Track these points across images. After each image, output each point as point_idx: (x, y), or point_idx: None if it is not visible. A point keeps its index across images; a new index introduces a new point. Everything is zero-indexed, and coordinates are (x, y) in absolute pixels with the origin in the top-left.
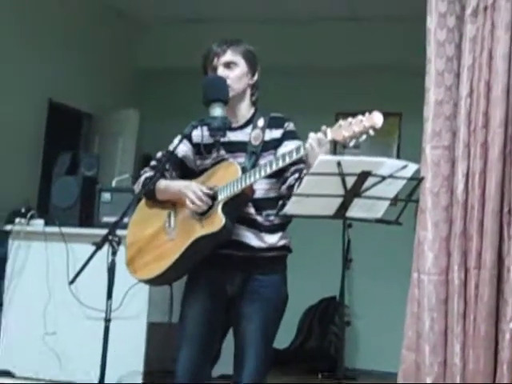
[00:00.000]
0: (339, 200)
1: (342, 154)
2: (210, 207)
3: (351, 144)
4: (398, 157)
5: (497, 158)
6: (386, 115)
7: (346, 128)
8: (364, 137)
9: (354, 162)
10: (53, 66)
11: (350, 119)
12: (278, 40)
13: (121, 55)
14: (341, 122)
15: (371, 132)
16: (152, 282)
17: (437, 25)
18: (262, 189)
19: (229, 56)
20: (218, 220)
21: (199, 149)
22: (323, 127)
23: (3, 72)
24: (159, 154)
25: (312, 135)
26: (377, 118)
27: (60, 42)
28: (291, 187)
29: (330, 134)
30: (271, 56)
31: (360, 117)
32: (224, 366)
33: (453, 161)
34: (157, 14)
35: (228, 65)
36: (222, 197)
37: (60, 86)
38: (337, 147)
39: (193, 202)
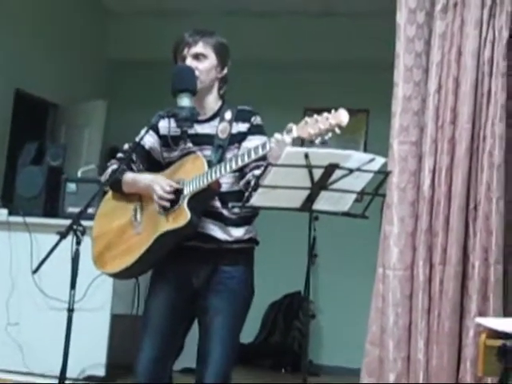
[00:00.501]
0: (306, 192)
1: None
2: (176, 201)
3: (317, 141)
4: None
5: (464, 154)
6: (353, 111)
7: (312, 125)
8: (330, 134)
9: (322, 155)
10: (20, 54)
11: (315, 116)
12: (247, 33)
13: (90, 45)
14: (307, 119)
15: (337, 130)
16: (118, 275)
17: (406, 20)
18: (226, 182)
19: (199, 47)
20: (184, 215)
21: (166, 141)
22: (289, 125)
23: None
24: (126, 146)
25: (276, 135)
26: (343, 116)
27: (28, 30)
28: (248, 183)
29: (296, 131)
30: (239, 49)
31: (326, 114)
32: (187, 359)
33: (420, 156)
34: (127, 5)
35: (197, 56)
36: (187, 191)
37: (27, 76)
38: (304, 142)
39: (160, 197)
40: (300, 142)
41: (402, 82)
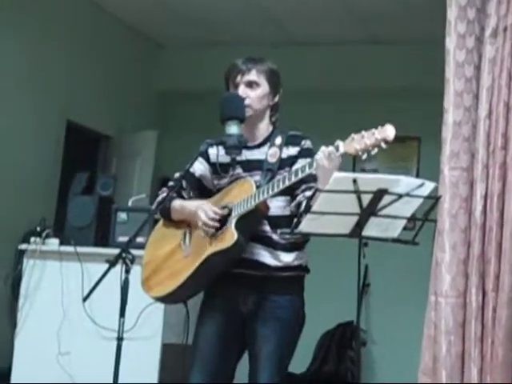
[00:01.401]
0: (355, 218)
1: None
2: (224, 224)
3: (363, 157)
4: None
5: None
6: (404, 139)
7: (358, 141)
8: (376, 150)
9: (370, 180)
10: (71, 86)
11: (362, 132)
12: (296, 64)
13: (140, 77)
14: (353, 135)
15: (383, 145)
16: (165, 299)
17: (456, 45)
18: (277, 206)
19: (253, 75)
20: (230, 236)
21: (216, 168)
22: (336, 141)
23: (23, 91)
24: (177, 175)
25: (323, 148)
26: (389, 131)
27: (80, 63)
28: (299, 205)
29: (343, 147)
30: (290, 80)
31: (372, 130)
32: None
33: (471, 182)
34: (175, 37)
35: (250, 84)
36: (235, 213)
37: (78, 107)
38: (355, 166)
39: (205, 224)
40: (352, 164)
41: (452, 108)
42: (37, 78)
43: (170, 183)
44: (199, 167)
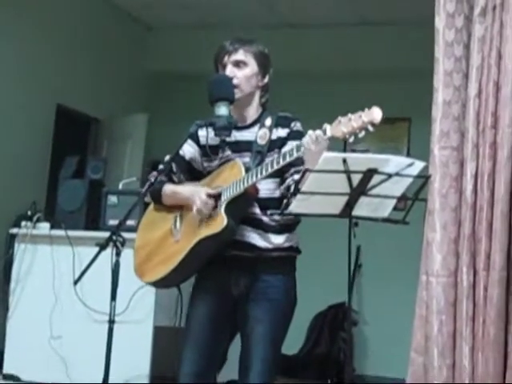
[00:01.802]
0: (345, 198)
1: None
2: (214, 208)
3: (350, 140)
4: None
5: (506, 159)
6: (394, 120)
7: (345, 124)
8: (363, 133)
9: (360, 159)
10: (61, 70)
11: (349, 115)
12: (288, 45)
13: (130, 59)
14: (340, 118)
15: (370, 128)
16: (158, 284)
17: (445, 25)
18: (266, 188)
19: (240, 55)
20: (221, 220)
21: (206, 150)
22: (324, 125)
23: (11, 76)
24: (167, 158)
25: (310, 132)
26: (376, 113)
27: (68, 47)
28: (289, 188)
29: (330, 130)
30: (281, 61)
31: (359, 112)
32: (233, 371)
33: (461, 161)
34: (166, 19)
35: (238, 63)
36: (225, 197)
37: (68, 91)
38: (346, 148)
39: (200, 211)
40: (342, 146)
41: (442, 87)
42: (25, 62)
43: (160, 166)
44: (189, 150)
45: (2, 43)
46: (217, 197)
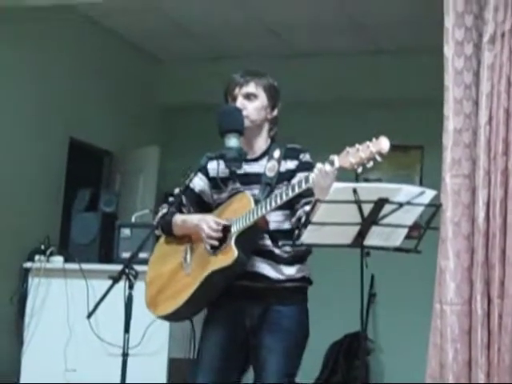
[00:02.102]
0: (356, 228)
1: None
2: (224, 241)
3: (359, 170)
4: None
5: None
6: (407, 148)
7: (353, 154)
8: (371, 163)
9: (371, 189)
10: (73, 104)
11: (357, 146)
12: (299, 75)
13: (141, 93)
14: (348, 148)
15: (378, 158)
16: (170, 317)
17: (454, 53)
18: (276, 221)
19: (251, 87)
20: (231, 253)
21: (215, 183)
22: (331, 156)
23: (25, 110)
24: (177, 190)
25: (318, 166)
26: (383, 143)
27: (80, 80)
28: (299, 219)
29: (338, 161)
30: (293, 91)
31: (367, 143)
32: None
33: (473, 189)
34: (177, 52)
35: (248, 96)
36: (235, 229)
37: (81, 124)
38: (358, 177)
39: (208, 236)
40: (354, 176)
41: (452, 115)
42: (38, 96)
43: (170, 199)
44: (198, 183)
45: (18, 77)
46: (226, 229)
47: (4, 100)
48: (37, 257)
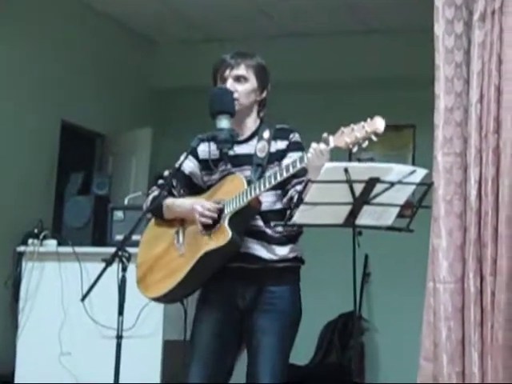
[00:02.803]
0: (348, 208)
1: None
2: (217, 221)
3: (354, 150)
4: None
5: (509, 163)
6: (399, 128)
7: (348, 134)
8: (366, 142)
9: (362, 169)
10: (65, 87)
11: (352, 125)
12: (288, 56)
13: (133, 75)
14: (343, 128)
15: (373, 137)
16: (162, 299)
17: (444, 31)
18: (268, 201)
19: (241, 70)
20: (225, 234)
21: (206, 164)
22: (324, 135)
23: (15, 94)
24: (166, 173)
25: (314, 145)
26: (379, 123)
27: (72, 62)
28: (291, 199)
29: (333, 141)
30: (282, 72)
31: (362, 123)
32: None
33: (465, 167)
34: (169, 34)
35: (239, 78)
36: (228, 210)
37: (73, 107)
38: (351, 157)
39: (202, 215)
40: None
41: (444, 94)
42: (29, 78)
43: (160, 181)
44: (188, 165)
45: (8, 60)
46: (219, 210)
47: None
48: (30, 240)
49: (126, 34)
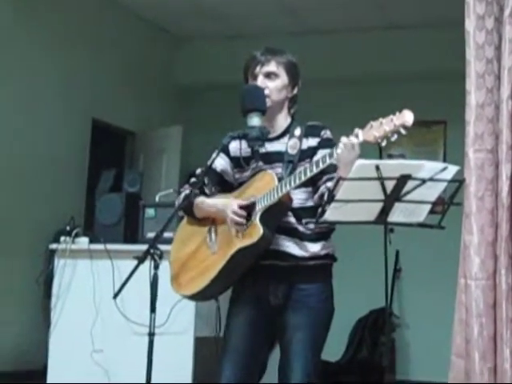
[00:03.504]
0: (379, 205)
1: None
2: (249, 218)
3: (383, 144)
4: None
5: None
6: (430, 123)
7: (377, 128)
8: (396, 136)
9: (393, 166)
10: (95, 85)
11: (380, 119)
12: (315, 52)
13: (163, 72)
14: (372, 122)
15: (402, 131)
16: (196, 297)
17: (475, 27)
18: (299, 198)
19: (272, 66)
20: (257, 231)
21: (237, 162)
22: (355, 130)
23: (47, 92)
24: (199, 171)
25: (343, 140)
26: (407, 116)
27: (102, 61)
28: (322, 196)
29: (362, 135)
30: (311, 68)
31: (391, 116)
32: (273, 381)
33: (496, 164)
34: (197, 31)
35: (269, 75)
36: (259, 207)
37: (103, 105)
38: (382, 153)
39: (233, 221)
40: (378, 153)
41: (475, 90)
42: (61, 77)
43: (192, 179)
44: (220, 162)
45: (41, 60)
46: (250, 207)
47: (26, 83)
48: (62, 238)
49: (154, 32)
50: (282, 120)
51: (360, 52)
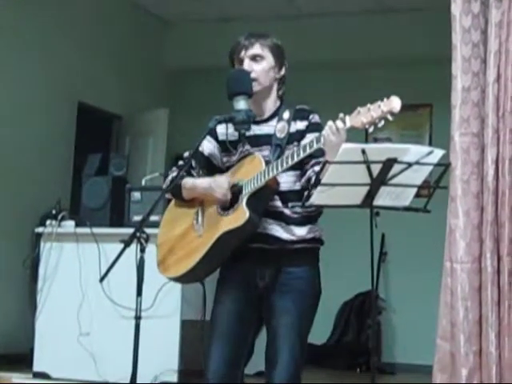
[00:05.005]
0: (365, 189)
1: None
2: (236, 202)
3: (370, 130)
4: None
5: None
6: (416, 107)
7: (365, 114)
8: (382, 122)
9: (379, 150)
10: (81, 68)
11: (368, 105)
12: (305, 35)
13: (149, 55)
14: (359, 108)
15: (389, 117)
16: (182, 279)
17: (461, 11)
18: (287, 181)
19: (256, 49)
20: (243, 214)
21: (225, 146)
22: (341, 115)
23: (32, 75)
24: (186, 154)
25: (330, 123)
26: (395, 103)
27: (88, 44)
28: (309, 179)
29: (349, 121)
30: (300, 51)
31: (378, 102)
32: (261, 362)
33: (482, 147)
34: (185, 14)
35: (255, 58)
36: (246, 191)
37: (89, 88)
38: (368, 137)
39: (223, 195)
40: (364, 137)
41: (461, 74)
42: (46, 60)
43: (180, 162)
44: (208, 146)
45: (25, 42)
46: (238, 189)
47: (11, 66)
48: (48, 221)
49: (142, 14)
50: (271, 103)
51: (348, 36)
